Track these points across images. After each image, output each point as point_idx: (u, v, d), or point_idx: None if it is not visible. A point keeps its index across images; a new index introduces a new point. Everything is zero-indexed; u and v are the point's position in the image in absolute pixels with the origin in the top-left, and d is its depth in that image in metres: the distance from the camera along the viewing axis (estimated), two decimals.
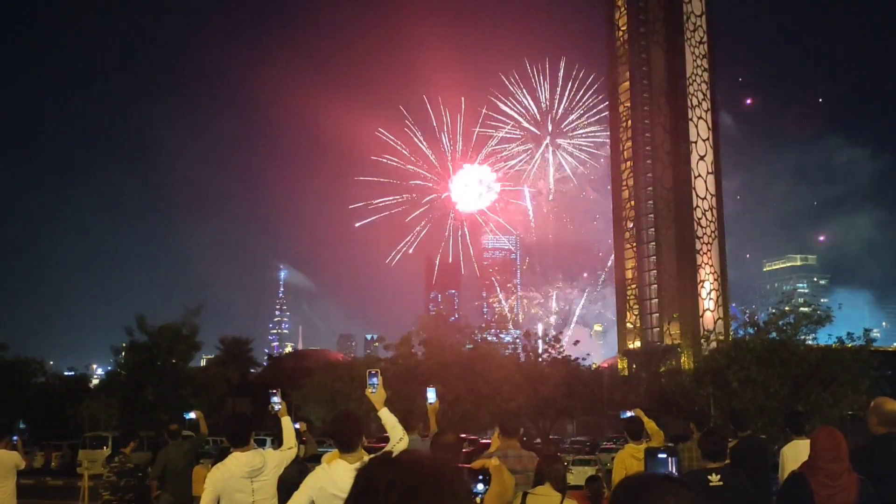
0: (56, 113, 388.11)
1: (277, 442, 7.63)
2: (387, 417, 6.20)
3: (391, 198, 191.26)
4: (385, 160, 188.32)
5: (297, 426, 9.34)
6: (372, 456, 1.92)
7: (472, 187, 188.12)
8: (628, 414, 10.30)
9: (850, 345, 43.96)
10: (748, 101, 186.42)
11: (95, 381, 74.36)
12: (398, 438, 6.08)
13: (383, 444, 6.54)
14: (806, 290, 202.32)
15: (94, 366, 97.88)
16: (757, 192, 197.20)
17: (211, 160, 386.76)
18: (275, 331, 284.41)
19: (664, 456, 4.15)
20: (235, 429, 6.98)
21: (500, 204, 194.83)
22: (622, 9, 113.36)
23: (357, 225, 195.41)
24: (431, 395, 8.77)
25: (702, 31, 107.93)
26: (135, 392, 50.22)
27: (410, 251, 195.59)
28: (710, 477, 6.26)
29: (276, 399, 7.58)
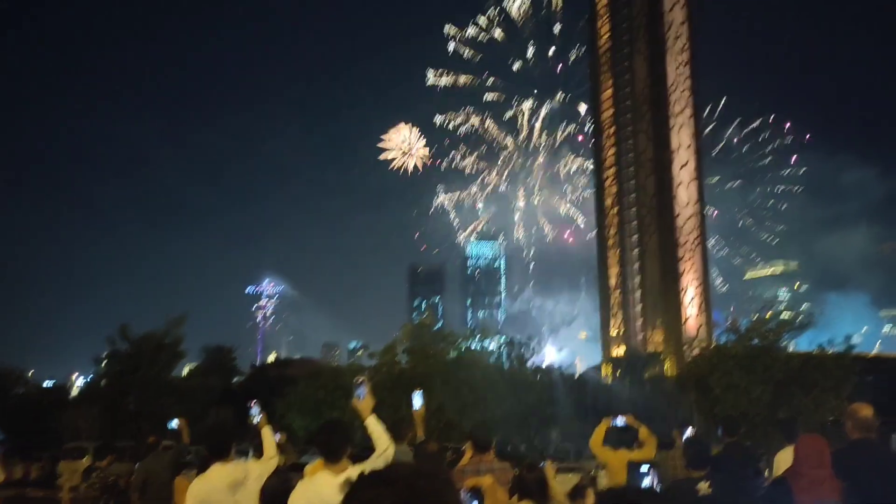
0: (39, 123, 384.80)
1: (258, 452, 7.59)
2: (373, 426, 6.16)
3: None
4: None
5: (278, 437, 9.28)
6: (361, 472, 1.84)
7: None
8: (620, 421, 10.20)
9: (830, 351, 44.36)
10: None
11: (76, 391, 73.58)
12: (384, 448, 6.04)
13: (369, 453, 6.50)
14: (787, 297, 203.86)
15: (76, 375, 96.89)
16: (745, 201, 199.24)
17: (194, 169, 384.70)
18: (258, 339, 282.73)
19: (646, 468, 4.19)
20: (216, 440, 6.92)
21: (485, 209, 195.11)
22: (604, 17, 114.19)
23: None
24: (417, 400, 8.67)
25: (684, 39, 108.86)
26: (116, 401, 49.81)
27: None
28: (698, 486, 6.27)
29: (255, 410, 7.55)
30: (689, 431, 11.48)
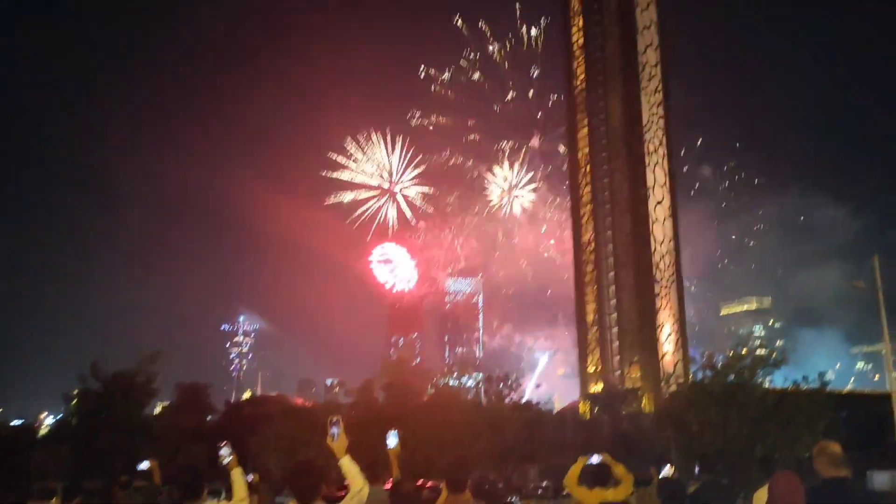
0: (11, 153, 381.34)
1: (228, 494, 7.49)
2: (348, 467, 6.13)
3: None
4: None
5: (251, 478, 9.16)
6: None
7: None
8: (595, 459, 10.18)
9: (805, 387, 44.74)
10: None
11: (45, 430, 72.20)
12: (358, 489, 6.01)
13: (344, 493, 6.45)
14: (762, 333, 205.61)
15: (45, 414, 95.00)
16: (720, 239, 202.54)
17: (167, 204, 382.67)
18: (234, 376, 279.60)
19: None
20: (188, 481, 6.83)
21: (461, 242, 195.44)
22: (580, 58, 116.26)
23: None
24: (393, 439, 8.66)
25: (657, 80, 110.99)
26: (86, 441, 48.87)
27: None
28: None
29: (225, 451, 7.49)
30: (666, 469, 11.51)
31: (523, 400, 61.19)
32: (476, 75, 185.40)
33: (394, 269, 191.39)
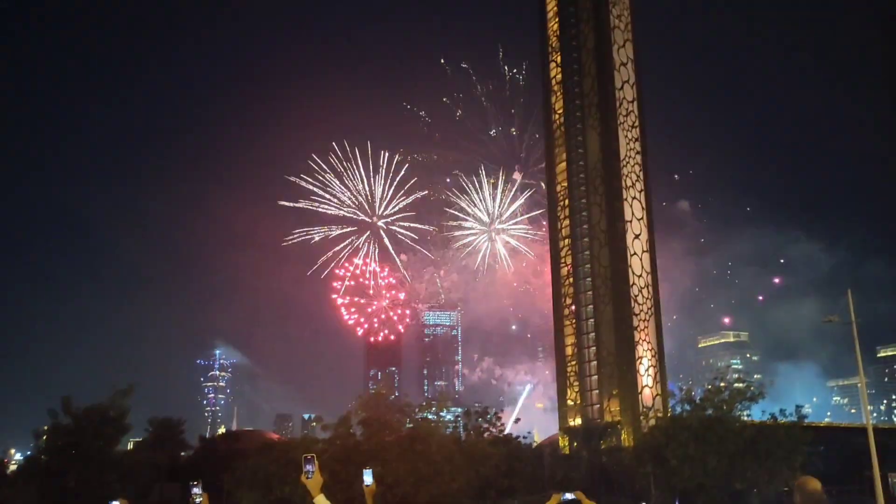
0: None
1: None
2: None
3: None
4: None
5: None
6: None
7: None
8: (568, 496, 10.12)
9: (782, 421, 44.89)
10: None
11: (14, 467, 70.52)
12: None
13: None
14: (739, 367, 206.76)
15: (13, 450, 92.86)
16: (698, 273, 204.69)
17: (143, 237, 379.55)
18: (208, 410, 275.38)
19: None
20: None
21: (442, 275, 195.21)
22: (558, 93, 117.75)
23: None
24: (368, 477, 8.59)
25: (634, 115, 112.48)
26: (56, 478, 47.78)
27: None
28: None
29: (196, 490, 7.36)
30: None
31: (502, 434, 60.68)
32: (458, 112, 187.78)
33: (365, 300, 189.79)
